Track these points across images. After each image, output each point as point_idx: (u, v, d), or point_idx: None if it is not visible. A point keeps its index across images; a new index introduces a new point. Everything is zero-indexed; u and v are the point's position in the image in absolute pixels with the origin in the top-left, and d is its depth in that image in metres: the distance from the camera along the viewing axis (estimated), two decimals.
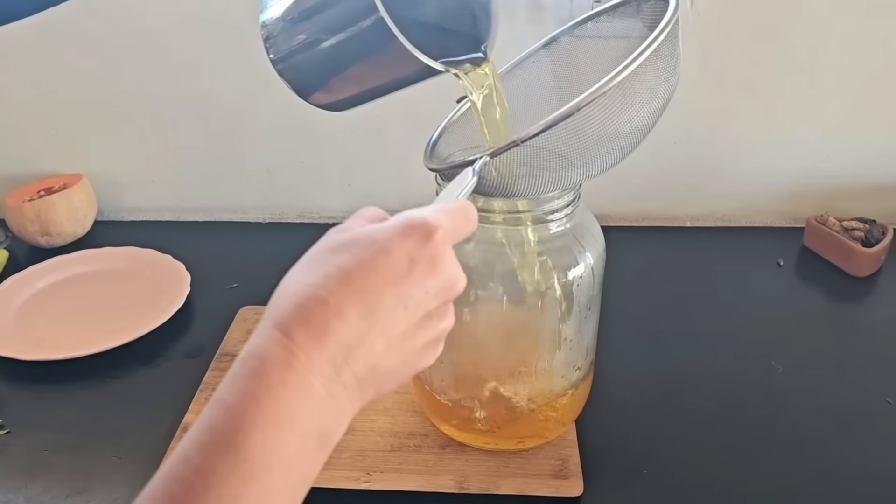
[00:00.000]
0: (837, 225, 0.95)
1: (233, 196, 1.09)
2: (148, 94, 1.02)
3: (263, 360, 0.33)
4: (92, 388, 0.76)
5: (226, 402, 0.32)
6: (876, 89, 0.97)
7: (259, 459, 0.31)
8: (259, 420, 0.31)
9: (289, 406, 0.32)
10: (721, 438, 0.68)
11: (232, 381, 0.33)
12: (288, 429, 0.32)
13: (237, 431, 0.31)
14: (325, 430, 0.34)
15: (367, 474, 0.63)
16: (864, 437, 0.68)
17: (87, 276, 0.94)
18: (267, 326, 0.34)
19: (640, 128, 0.50)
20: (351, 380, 0.35)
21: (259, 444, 0.31)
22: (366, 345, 0.35)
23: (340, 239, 0.37)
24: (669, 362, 0.78)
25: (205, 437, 0.31)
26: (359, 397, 0.36)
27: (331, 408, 0.34)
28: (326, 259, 0.36)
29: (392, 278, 0.35)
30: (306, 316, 0.34)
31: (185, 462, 0.31)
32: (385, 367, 0.36)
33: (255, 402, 0.32)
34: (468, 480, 0.62)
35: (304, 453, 0.33)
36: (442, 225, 0.37)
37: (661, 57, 0.48)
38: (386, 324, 0.35)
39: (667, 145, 1.01)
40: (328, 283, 0.35)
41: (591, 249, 0.59)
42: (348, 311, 0.34)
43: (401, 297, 0.36)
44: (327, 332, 0.34)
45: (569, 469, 0.63)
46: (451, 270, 0.38)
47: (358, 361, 0.35)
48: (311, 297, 0.34)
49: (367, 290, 0.35)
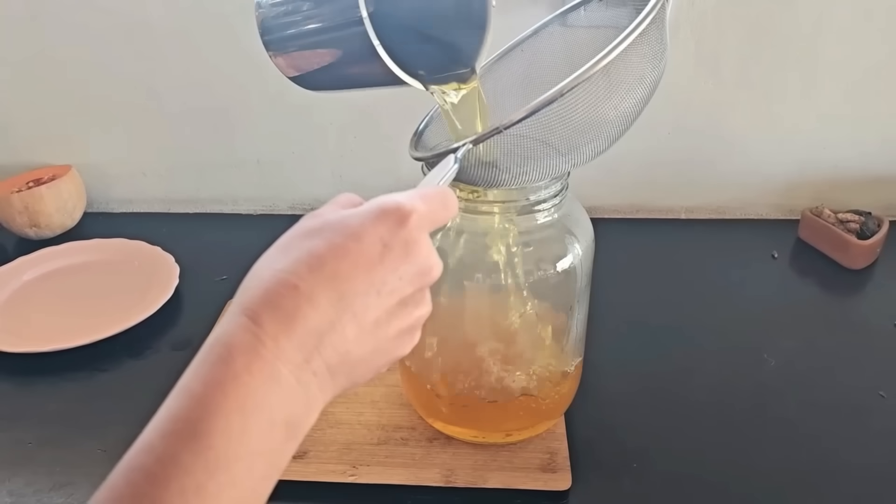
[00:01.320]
0: (832, 217, 0.94)
1: (223, 187, 1.08)
2: (138, 85, 1.01)
3: (230, 347, 0.32)
4: (78, 380, 0.76)
5: (190, 389, 0.32)
6: (872, 80, 0.96)
7: (224, 448, 0.30)
8: (224, 408, 0.31)
9: (255, 394, 0.31)
10: (712, 432, 0.67)
11: (197, 368, 0.32)
12: (254, 417, 0.31)
13: (201, 419, 0.30)
14: (294, 419, 0.33)
15: (353, 468, 0.62)
16: (857, 430, 0.67)
17: (75, 267, 0.94)
18: (235, 312, 0.34)
19: (626, 114, 0.49)
20: (321, 367, 0.34)
21: (224, 433, 0.30)
22: (337, 331, 0.34)
23: (312, 224, 0.36)
24: (661, 355, 0.77)
25: (168, 425, 0.31)
26: (330, 386, 0.35)
27: (300, 396, 0.33)
28: (297, 244, 0.35)
29: (364, 264, 0.35)
30: (275, 301, 0.33)
31: (147, 451, 0.30)
32: (357, 354, 0.35)
33: (220, 389, 0.31)
34: (455, 474, 0.62)
35: (271, 442, 0.32)
36: (416, 210, 0.36)
37: (647, 41, 0.47)
38: (358, 310, 0.35)
39: (660, 136, 1.00)
40: (298, 268, 0.34)
41: (580, 240, 0.58)
42: (319, 297, 0.33)
43: (373, 283, 0.35)
44: (296, 319, 0.33)
45: (557, 463, 0.62)
46: (425, 256, 0.37)
47: (328, 349, 0.34)
48: (280, 283, 0.33)
49: (339, 276, 0.34)
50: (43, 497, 0.61)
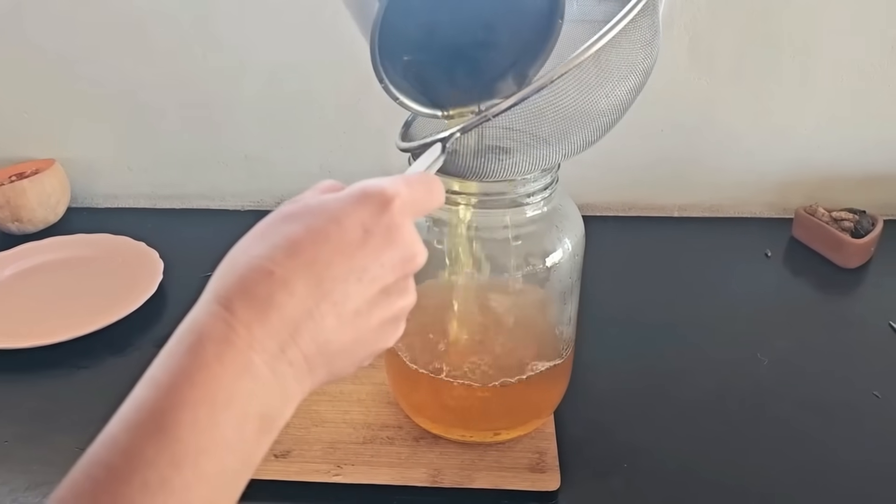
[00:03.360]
0: (827, 216, 0.93)
1: (210, 183, 1.07)
2: (124, 79, 1.00)
3: (200, 336, 0.31)
4: (57, 377, 0.74)
5: (157, 379, 0.30)
6: (868, 78, 0.95)
7: (191, 441, 0.29)
8: (192, 399, 0.29)
9: (226, 385, 0.30)
10: (704, 431, 0.66)
11: (165, 358, 0.31)
12: (224, 409, 0.30)
13: (167, 411, 0.29)
14: (268, 412, 0.32)
15: (337, 467, 0.61)
16: (851, 430, 0.66)
17: (58, 263, 0.92)
18: (207, 300, 0.32)
19: (618, 104, 0.48)
20: (298, 357, 0.32)
21: (191, 425, 0.29)
22: (315, 320, 0.32)
23: (291, 209, 0.35)
24: (653, 354, 0.76)
25: (132, 417, 0.29)
26: (308, 377, 0.33)
27: (274, 387, 0.32)
28: (275, 230, 0.34)
29: (344, 249, 0.33)
30: (249, 288, 0.31)
31: (110, 444, 0.29)
32: (337, 344, 0.34)
33: (188, 379, 0.29)
34: (442, 474, 0.60)
35: (243, 436, 0.31)
36: (400, 194, 0.35)
37: (638, 28, 0.46)
38: (337, 298, 0.33)
39: (654, 133, 0.99)
40: (275, 253, 0.32)
41: (570, 235, 0.57)
42: (295, 284, 0.32)
43: (354, 270, 0.33)
44: (271, 306, 0.31)
45: (546, 462, 0.61)
46: (409, 243, 0.35)
47: (306, 338, 0.32)
48: (255, 269, 0.32)
49: (317, 262, 0.32)
50: (19, 496, 0.60)
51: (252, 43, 0.96)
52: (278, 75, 0.98)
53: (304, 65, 0.97)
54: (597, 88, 0.47)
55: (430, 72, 0.55)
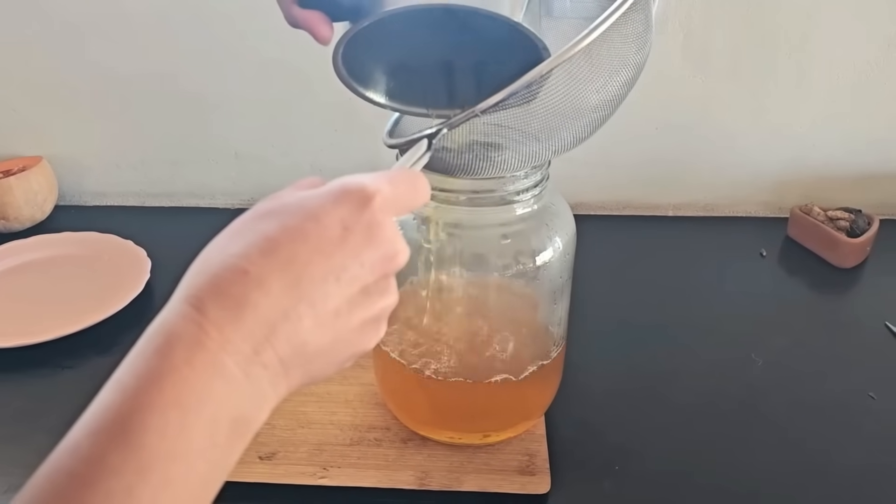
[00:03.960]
0: (822, 215, 0.92)
1: (200, 181, 1.05)
2: (112, 74, 0.98)
3: (169, 337, 0.29)
4: (41, 377, 0.73)
5: (123, 383, 0.29)
6: (863, 77, 0.94)
7: (158, 447, 0.27)
8: (159, 403, 0.28)
9: (196, 388, 0.29)
10: (697, 433, 0.65)
11: (133, 360, 0.29)
12: (194, 414, 0.28)
13: (133, 416, 0.27)
14: (241, 416, 0.30)
15: (323, 469, 0.60)
16: (846, 432, 0.65)
17: (44, 261, 0.90)
18: (177, 300, 0.31)
19: (608, 100, 0.47)
20: (273, 360, 0.31)
21: (158, 431, 0.27)
22: (291, 320, 0.31)
23: (268, 206, 0.34)
24: (646, 355, 0.75)
25: (97, 422, 0.28)
26: (283, 380, 0.32)
27: (247, 391, 0.30)
28: (251, 227, 0.32)
29: (322, 248, 0.32)
30: (222, 287, 0.30)
31: (73, 450, 0.27)
32: (315, 346, 0.32)
33: (156, 383, 0.28)
34: (429, 476, 0.59)
35: (214, 441, 0.29)
36: (381, 191, 0.34)
37: (630, 22, 0.44)
38: (315, 298, 0.32)
39: (648, 132, 0.98)
40: (249, 252, 0.31)
41: (561, 234, 0.56)
42: (271, 283, 0.31)
43: (332, 269, 0.32)
44: (245, 306, 0.30)
45: (536, 465, 0.60)
46: (390, 241, 0.34)
47: (281, 339, 0.31)
48: (228, 268, 0.31)
49: (294, 261, 0.31)
50: None
51: (242, 39, 0.95)
52: (269, 72, 0.97)
53: (294, 61, 0.96)
54: (587, 83, 0.45)
55: (406, 91, 0.54)
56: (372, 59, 0.50)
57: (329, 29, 0.48)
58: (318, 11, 0.48)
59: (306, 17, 0.48)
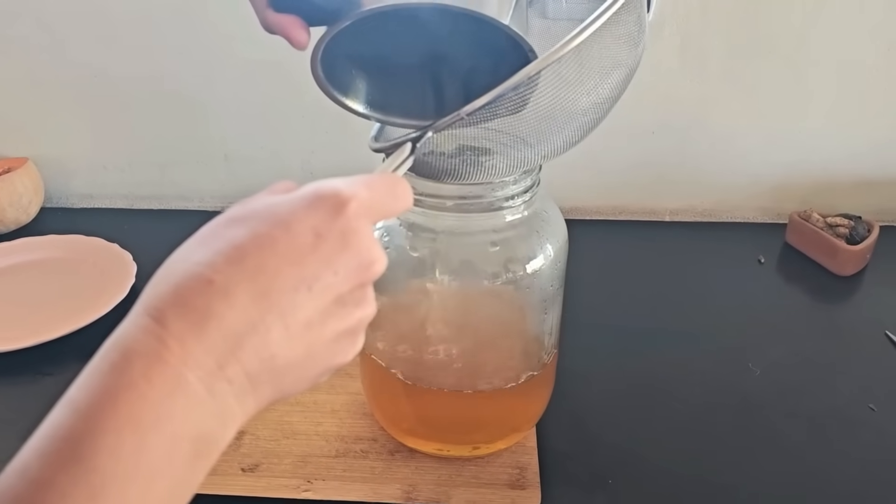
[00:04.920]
0: (821, 221, 0.90)
1: (189, 183, 1.04)
2: (99, 74, 0.97)
3: (126, 352, 0.28)
4: (19, 384, 0.71)
5: (76, 400, 0.27)
6: (864, 79, 0.92)
7: (111, 470, 0.26)
8: (114, 423, 0.26)
9: (154, 405, 0.27)
10: (692, 445, 0.63)
11: (87, 376, 0.28)
12: (152, 432, 0.27)
13: (85, 437, 0.26)
14: (204, 435, 0.29)
15: (307, 482, 0.58)
16: (844, 445, 0.63)
17: (27, 265, 0.89)
18: (137, 312, 0.29)
19: (600, 102, 0.45)
20: (239, 374, 0.29)
21: (112, 452, 0.26)
22: (259, 333, 0.29)
23: (238, 212, 0.32)
24: (641, 364, 0.73)
25: (47, 443, 0.26)
26: (251, 396, 0.30)
27: (211, 408, 0.28)
28: (218, 234, 0.31)
29: (293, 256, 0.30)
30: (185, 298, 0.28)
31: (20, 473, 0.26)
32: (285, 360, 0.30)
33: (110, 400, 0.26)
34: (417, 490, 0.57)
35: (174, 461, 0.27)
36: (357, 196, 0.32)
37: (622, 22, 0.43)
38: (285, 309, 0.30)
39: (644, 135, 0.97)
40: (215, 260, 0.29)
41: (552, 241, 0.54)
42: (237, 293, 0.29)
43: (304, 279, 0.30)
44: (209, 318, 0.28)
45: (526, 479, 0.58)
46: (366, 249, 0.32)
47: (249, 353, 0.29)
48: (192, 277, 0.29)
49: (262, 270, 0.29)
50: None
51: (231, 40, 0.93)
52: (258, 73, 0.95)
53: (284, 63, 0.94)
54: (578, 86, 0.44)
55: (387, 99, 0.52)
56: (352, 65, 0.49)
57: (305, 34, 0.47)
58: (294, 16, 0.46)
59: (281, 22, 0.46)
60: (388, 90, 0.49)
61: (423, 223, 0.53)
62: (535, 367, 0.58)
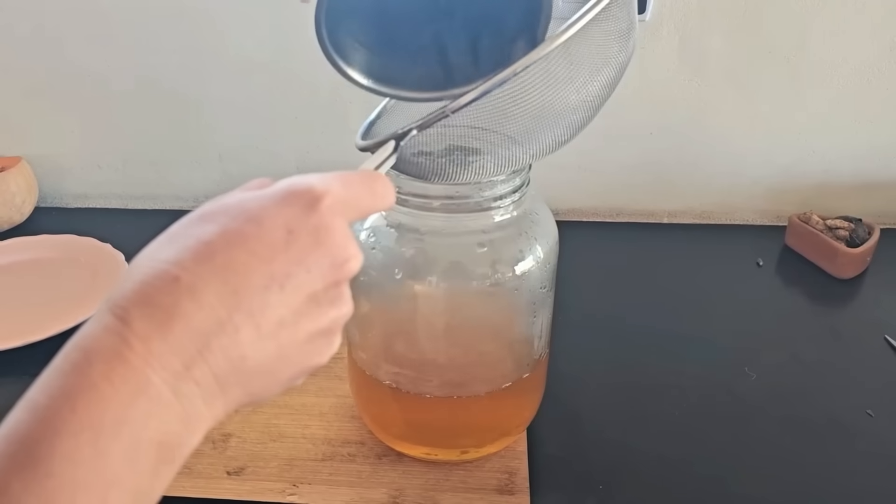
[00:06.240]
0: (821, 223, 0.89)
1: (183, 183, 1.03)
2: (93, 73, 0.96)
3: (88, 352, 0.27)
4: (4, 386, 0.70)
5: (35, 402, 0.26)
6: (863, 81, 0.91)
7: (68, 476, 0.25)
8: (71, 426, 0.25)
9: (115, 408, 0.26)
10: (686, 451, 0.62)
11: (47, 377, 0.27)
12: (112, 437, 0.26)
13: (41, 440, 0.25)
14: (168, 439, 0.28)
15: (293, 486, 0.57)
16: (842, 451, 0.62)
17: (19, 265, 0.88)
18: (101, 311, 0.28)
19: (589, 100, 0.44)
20: (206, 376, 0.28)
21: (69, 457, 0.25)
22: (227, 333, 0.28)
23: (209, 209, 0.31)
24: (635, 368, 0.72)
25: (3, 445, 0.25)
26: (220, 399, 0.29)
27: (176, 410, 0.27)
28: (187, 232, 0.30)
29: (263, 253, 0.29)
30: (150, 296, 0.27)
31: None
32: (255, 361, 0.29)
33: (69, 402, 0.25)
34: (404, 494, 0.56)
35: (135, 467, 0.26)
36: (331, 192, 0.31)
37: (612, 17, 0.42)
38: (255, 308, 0.29)
39: (642, 137, 0.96)
40: (182, 257, 0.28)
41: (542, 242, 0.53)
42: (204, 292, 0.28)
43: (275, 277, 0.29)
44: (175, 317, 0.27)
45: (515, 484, 0.57)
46: (340, 246, 0.31)
47: (217, 354, 0.28)
48: (158, 275, 0.28)
49: (231, 267, 0.28)
50: None
51: (226, 39, 0.93)
52: (253, 73, 0.95)
53: (279, 62, 0.93)
54: (567, 83, 0.43)
55: (395, 65, 0.52)
56: (358, 30, 0.48)
57: None
58: None
59: None
60: (396, 56, 0.49)
61: (410, 224, 0.52)
62: (525, 371, 0.57)
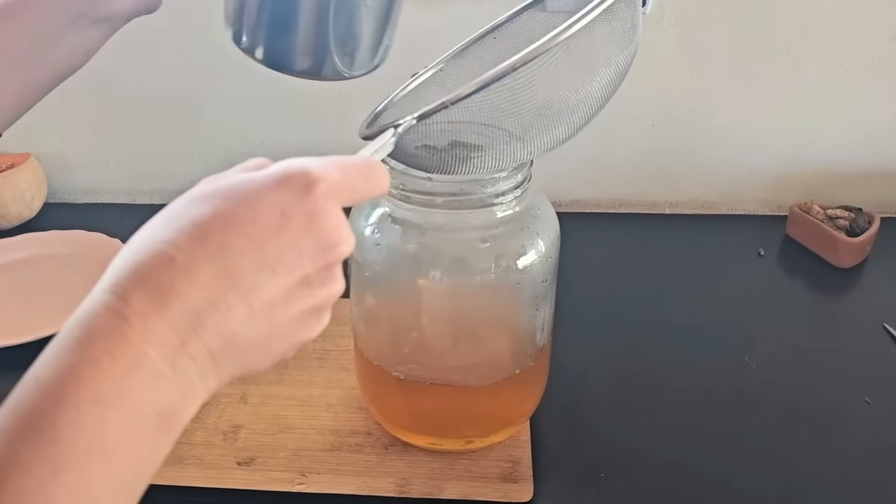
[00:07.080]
0: (821, 213, 0.90)
1: (190, 178, 1.01)
2: (101, 71, 0.96)
3: (89, 328, 0.28)
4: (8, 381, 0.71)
5: (39, 376, 0.27)
6: (864, 71, 0.92)
7: (72, 443, 0.26)
8: (75, 397, 0.26)
9: (116, 381, 0.27)
10: (687, 439, 0.63)
11: (50, 353, 0.28)
12: (114, 408, 0.27)
13: (47, 411, 0.26)
14: (166, 411, 0.29)
15: (302, 476, 0.59)
16: (840, 438, 0.63)
17: (29, 260, 0.89)
18: (100, 290, 0.29)
19: (590, 99, 0.45)
20: (201, 351, 0.30)
21: (74, 426, 0.26)
22: (220, 311, 0.30)
23: (204, 189, 0.32)
24: (636, 357, 0.73)
25: (10, 417, 0.27)
26: (213, 373, 0.31)
27: (173, 384, 0.29)
28: (182, 213, 0.31)
29: (256, 235, 0.30)
30: (147, 275, 0.29)
31: None
32: (247, 338, 0.31)
33: (72, 376, 0.27)
34: (410, 483, 0.58)
35: (135, 436, 0.28)
36: (326, 177, 0.32)
37: (615, 18, 0.43)
38: (247, 288, 0.30)
39: (644, 128, 0.96)
40: (178, 238, 0.29)
41: (543, 236, 0.54)
42: (199, 271, 0.29)
43: (267, 259, 0.31)
44: (171, 295, 0.29)
45: (519, 472, 0.58)
46: (332, 230, 0.32)
47: (210, 330, 0.30)
48: (155, 255, 0.29)
49: (225, 248, 0.30)
50: None
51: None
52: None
53: None
54: (568, 81, 0.44)
55: None
56: None
57: None
58: None
59: None
60: None
61: (414, 220, 0.53)
62: (528, 362, 0.58)
